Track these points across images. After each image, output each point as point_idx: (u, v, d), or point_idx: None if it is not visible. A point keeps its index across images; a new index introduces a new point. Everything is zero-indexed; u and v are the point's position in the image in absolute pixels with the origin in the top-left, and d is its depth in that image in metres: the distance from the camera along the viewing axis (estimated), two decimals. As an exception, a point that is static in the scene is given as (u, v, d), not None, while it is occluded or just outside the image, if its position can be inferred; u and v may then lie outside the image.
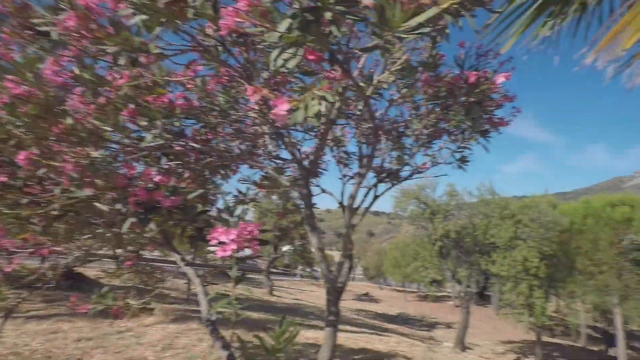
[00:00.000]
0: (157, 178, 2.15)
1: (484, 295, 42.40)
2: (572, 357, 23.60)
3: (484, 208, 15.09)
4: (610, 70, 2.22)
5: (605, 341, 28.25)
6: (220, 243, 1.85)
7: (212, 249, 1.81)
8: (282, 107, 1.15)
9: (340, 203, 2.97)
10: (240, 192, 3.51)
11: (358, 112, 2.70)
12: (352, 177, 3.53)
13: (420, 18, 0.97)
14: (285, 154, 3.31)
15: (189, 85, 2.27)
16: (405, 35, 1.04)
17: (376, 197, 3.16)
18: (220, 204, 2.40)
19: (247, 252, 1.95)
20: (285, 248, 17.77)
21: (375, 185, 3.20)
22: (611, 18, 2.88)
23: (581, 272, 17.76)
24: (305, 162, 3.62)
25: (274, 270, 21.80)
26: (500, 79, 2.09)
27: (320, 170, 3.95)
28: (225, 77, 2.53)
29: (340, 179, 3.85)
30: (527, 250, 14.17)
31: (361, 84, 2.87)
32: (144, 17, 1.22)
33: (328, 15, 1.05)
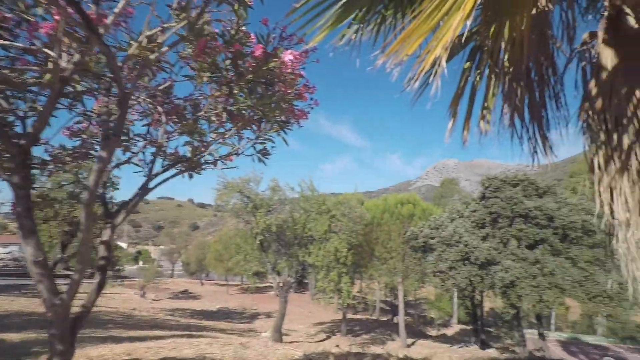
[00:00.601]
0: None
1: (302, 282, 46.17)
2: (368, 328, 27.87)
3: (304, 203, 16.02)
4: (395, 72, 2.25)
5: (391, 311, 34.87)
6: None
7: None
8: None
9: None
10: None
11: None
12: (127, 162, 2.75)
13: None
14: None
15: None
16: None
17: (147, 190, 2.50)
18: None
19: None
20: (81, 246, 14.69)
21: (150, 176, 2.54)
22: (402, 25, 3.08)
23: (378, 258, 21.13)
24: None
25: (65, 273, 17.89)
26: (288, 56, 1.77)
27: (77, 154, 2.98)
28: None
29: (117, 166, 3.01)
30: (339, 241, 15.75)
31: (131, 41, 2.17)
32: None
33: None
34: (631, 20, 2.35)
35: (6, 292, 13.66)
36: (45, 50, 1.82)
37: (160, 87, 2.57)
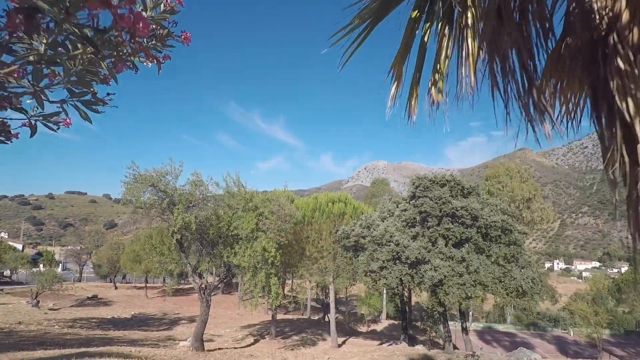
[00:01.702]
0: None
1: (231, 283, 43.99)
2: (299, 329, 27.12)
3: (229, 200, 14.61)
4: None
5: (323, 310, 34.61)
6: None
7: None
8: None
9: None
10: None
11: None
12: None
13: None
14: None
15: None
16: None
17: None
18: None
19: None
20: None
21: None
22: None
23: (309, 258, 20.39)
24: None
25: None
26: None
27: None
28: None
29: None
30: (267, 241, 14.61)
31: None
32: None
33: None
34: None
35: None
36: None
37: None
